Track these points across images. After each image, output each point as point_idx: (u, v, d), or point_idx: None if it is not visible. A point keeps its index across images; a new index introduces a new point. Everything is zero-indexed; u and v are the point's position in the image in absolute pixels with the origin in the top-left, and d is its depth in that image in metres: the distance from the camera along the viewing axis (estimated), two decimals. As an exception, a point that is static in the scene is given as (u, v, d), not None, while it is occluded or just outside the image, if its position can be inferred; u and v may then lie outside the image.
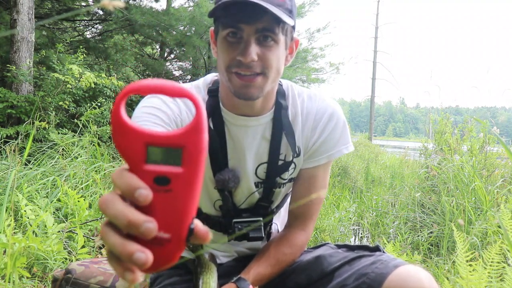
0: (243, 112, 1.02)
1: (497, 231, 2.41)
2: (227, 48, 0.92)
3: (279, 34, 0.91)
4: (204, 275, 1.00)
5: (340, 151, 1.08)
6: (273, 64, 0.92)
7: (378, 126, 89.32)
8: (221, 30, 0.92)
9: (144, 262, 0.35)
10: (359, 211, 3.81)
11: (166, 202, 0.36)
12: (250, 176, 1.06)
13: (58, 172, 3.03)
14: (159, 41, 8.39)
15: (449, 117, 3.86)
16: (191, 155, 0.36)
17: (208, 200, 1.09)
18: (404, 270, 0.92)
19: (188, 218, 0.37)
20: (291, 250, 1.08)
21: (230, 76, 0.92)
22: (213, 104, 1.03)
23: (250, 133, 1.04)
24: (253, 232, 1.05)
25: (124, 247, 0.36)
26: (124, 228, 0.36)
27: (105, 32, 8.39)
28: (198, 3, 7.01)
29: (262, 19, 0.88)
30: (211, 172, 1.04)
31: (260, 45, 0.90)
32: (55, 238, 1.96)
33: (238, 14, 0.88)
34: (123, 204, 0.37)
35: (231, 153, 1.04)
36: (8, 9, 6.26)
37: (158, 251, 0.37)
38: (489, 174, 3.20)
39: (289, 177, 1.10)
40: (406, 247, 2.49)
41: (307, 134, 1.07)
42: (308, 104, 1.07)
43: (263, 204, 1.09)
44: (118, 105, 0.37)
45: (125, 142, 0.36)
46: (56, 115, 4.29)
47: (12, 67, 4.62)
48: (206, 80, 1.09)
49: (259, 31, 0.89)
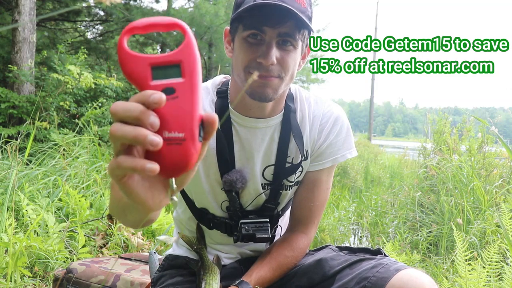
0: (253, 114, 1.03)
1: (496, 230, 2.42)
2: (247, 49, 0.93)
3: (299, 40, 0.93)
4: (207, 277, 1.01)
5: (344, 155, 1.09)
6: (289, 68, 0.94)
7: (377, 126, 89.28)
8: (241, 31, 0.94)
9: (157, 143, 0.41)
10: (359, 211, 3.82)
11: (176, 107, 0.43)
12: (257, 178, 1.07)
13: (59, 172, 3.04)
14: (160, 42, 8.41)
15: (447, 117, 3.87)
16: (188, 67, 0.44)
17: (214, 201, 1.10)
18: (406, 274, 0.93)
19: (195, 117, 0.44)
20: (293, 254, 1.08)
21: (248, 76, 0.94)
22: (221, 105, 1.04)
23: (258, 134, 1.05)
24: (260, 233, 1.06)
25: (137, 131, 0.41)
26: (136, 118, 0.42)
27: (106, 32, 8.40)
28: (198, 5, 7.03)
29: (286, 24, 0.90)
30: (218, 173, 1.05)
31: (280, 49, 0.92)
32: (56, 237, 1.97)
33: (264, 17, 0.89)
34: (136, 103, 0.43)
35: (238, 154, 1.05)
36: (9, 10, 6.27)
37: (177, 151, 0.43)
38: (487, 174, 3.21)
39: (296, 179, 1.10)
40: (405, 247, 2.50)
41: (313, 137, 1.08)
42: (314, 108, 1.09)
43: (269, 206, 1.10)
44: (122, 41, 0.44)
45: (133, 67, 0.43)
46: (57, 115, 4.30)
47: (14, 67, 4.63)
48: (215, 81, 1.10)
49: (281, 35, 0.91)
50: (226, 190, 1.06)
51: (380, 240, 2.91)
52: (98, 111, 4.49)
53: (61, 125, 4.55)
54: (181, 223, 1.21)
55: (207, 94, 1.07)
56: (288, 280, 1.08)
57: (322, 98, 1.12)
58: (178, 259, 1.17)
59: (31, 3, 4.78)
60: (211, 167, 1.05)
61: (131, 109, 0.42)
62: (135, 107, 0.42)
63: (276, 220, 1.14)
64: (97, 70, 5.87)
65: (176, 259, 1.18)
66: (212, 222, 1.12)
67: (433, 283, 0.93)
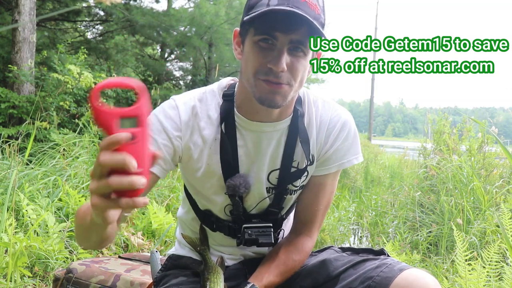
0: (260, 118, 1.02)
1: (496, 230, 2.42)
2: (257, 53, 0.92)
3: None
4: (211, 278, 1.01)
5: (351, 161, 1.08)
6: (299, 75, 0.93)
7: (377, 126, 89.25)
8: (252, 35, 0.92)
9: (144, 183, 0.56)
10: (359, 211, 3.82)
11: (136, 149, 0.57)
12: (262, 182, 1.06)
13: (59, 172, 3.04)
14: (160, 42, 8.42)
15: (447, 117, 3.87)
16: (143, 120, 0.58)
17: (218, 205, 1.09)
18: (410, 273, 0.92)
19: (149, 156, 0.59)
20: (300, 257, 1.07)
21: (257, 82, 0.93)
22: (227, 108, 1.03)
23: (264, 138, 1.04)
24: (263, 238, 1.05)
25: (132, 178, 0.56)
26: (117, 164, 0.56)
27: (106, 32, 8.41)
28: (198, 4, 7.03)
29: (298, 31, 0.89)
30: (222, 178, 1.04)
31: (291, 55, 0.91)
32: (56, 237, 1.98)
33: (277, 22, 0.88)
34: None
35: (243, 158, 1.04)
36: (9, 10, 6.27)
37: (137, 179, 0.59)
38: (487, 174, 3.22)
39: (301, 184, 1.09)
40: (405, 247, 2.50)
41: (320, 142, 1.07)
42: (322, 112, 1.08)
43: (273, 210, 1.09)
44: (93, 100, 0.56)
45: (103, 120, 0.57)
46: (57, 115, 4.30)
47: (14, 67, 4.63)
48: (221, 84, 1.09)
49: (293, 42, 0.90)
50: (230, 194, 1.05)
51: (380, 240, 2.91)
52: (98, 111, 4.48)
53: (61, 125, 4.54)
54: (184, 223, 1.21)
55: (213, 97, 1.06)
56: (292, 281, 1.08)
57: (330, 101, 1.11)
58: (182, 259, 1.17)
59: (31, 3, 4.78)
60: (215, 172, 1.04)
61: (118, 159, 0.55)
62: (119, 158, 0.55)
63: (280, 224, 1.13)
64: (97, 70, 5.87)
65: (179, 259, 1.17)
66: (216, 225, 1.11)
67: (437, 283, 0.92)
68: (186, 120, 1.02)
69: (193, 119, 1.03)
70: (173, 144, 1.01)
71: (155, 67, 8.00)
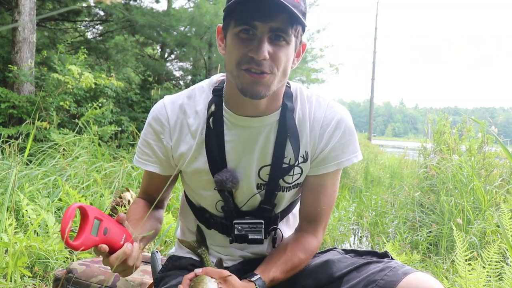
0: (247, 112, 1.02)
1: (496, 230, 2.42)
2: (238, 44, 0.92)
3: (291, 35, 0.92)
4: None
5: (350, 159, 1.06)
6: (282, 64, 0.93)
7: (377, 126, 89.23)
8: (233, 27, 0.93)
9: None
10: (359, 211, 3.82)
11: (110, 239, 0.88)
12: (251, 177, 1.05)
13: (59, 172, 3.04)
14: (160, 42, 8.41)
15: (447, 117, 3.87)
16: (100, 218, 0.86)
17: (209, 201, 1.09)
18: (415, 277, 0.92)
19: (120, 240, 0.90)
20: (305, 256, 1.07)
21: (239, 72, 0.93)
22: (215, 103, 1.03)
23: (252, 133, 1.03)
24: (253, 234, 1.04)
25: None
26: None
27: (106, 32, 8.40)
28: (198, 4, 7.03)
29: (277, 19, 0.89)
30: (209, 173, 1.04)
31: (272, 44, 0.91)
32: (56, 237, 1.97)
33: (254, 11, 0.89)
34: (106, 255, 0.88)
35: (230, 153, 1.04)
36: (9, 10, 6.27)
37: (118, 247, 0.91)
38: (487, 174, 3.22)
39: (295, 182, 1.08)
40: (405, 247, 2.50)
41: (314, 139, 1.05)
42: (316, 109, 1.06)
43: (265, 207, 1.08)
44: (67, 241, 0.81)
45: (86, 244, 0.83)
46: (57, 115, 4.31)
47: (14, 67, 4.63)
48: (212, 80, 1.09)
49: (272, 30, 0.90)
50: (219, 190, 1.05)
51: (380, 240, 2.91)
52: (98, 111, 4.49)
53: (61, 125, 4.55)
54: (183, 223, 1.21)
55: (201, 93, 1.07)
56: (294, 279, 1.07)
57: (325, 98, 1.08)
58: (182, 260, 1.17)
59: (31, 3, 4.78)
60: (203, 167, 1.05)
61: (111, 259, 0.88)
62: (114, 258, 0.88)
63: (273, 222, 1.11)
64: (97, 70, 5.86)
65: (180, 259, 1.18)
66: (210, 222, 1.12)
67: (442, 287, 0.92)
68: (174, 119, 1.05)
69: (182, 117, 1.05)
70: (163, 144, 1.06)
71: (155, 67, 7.99)
